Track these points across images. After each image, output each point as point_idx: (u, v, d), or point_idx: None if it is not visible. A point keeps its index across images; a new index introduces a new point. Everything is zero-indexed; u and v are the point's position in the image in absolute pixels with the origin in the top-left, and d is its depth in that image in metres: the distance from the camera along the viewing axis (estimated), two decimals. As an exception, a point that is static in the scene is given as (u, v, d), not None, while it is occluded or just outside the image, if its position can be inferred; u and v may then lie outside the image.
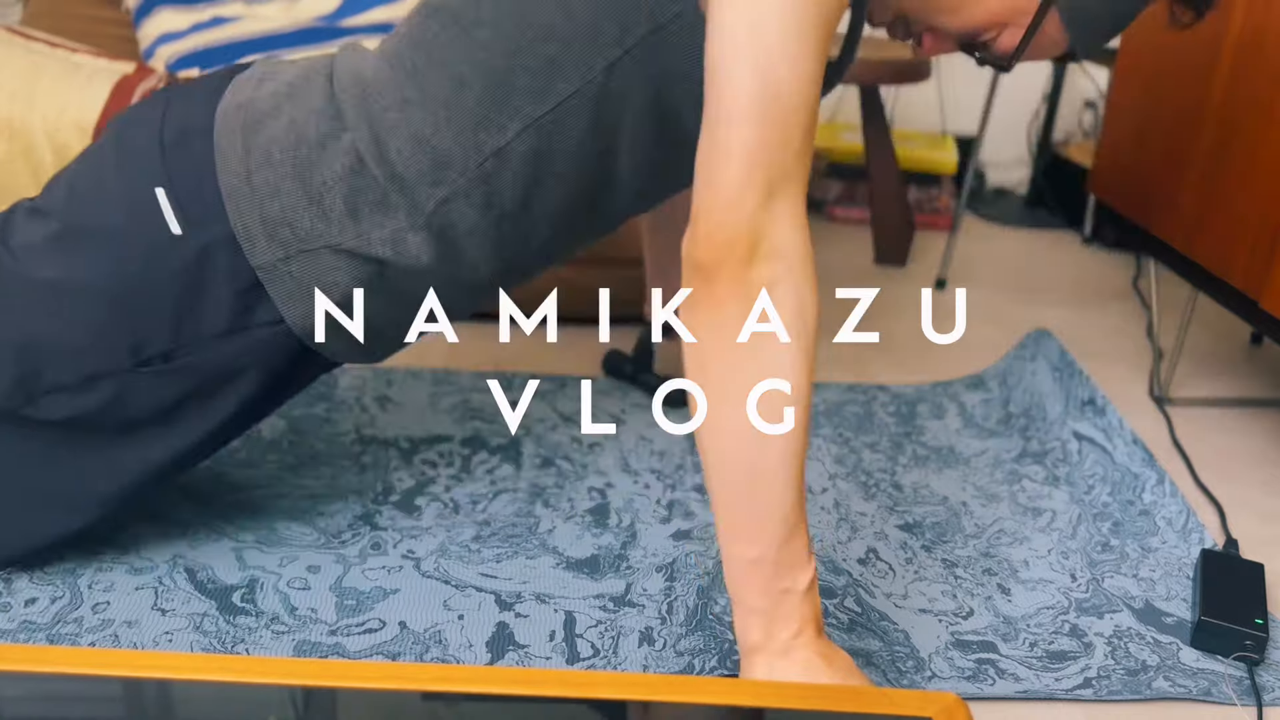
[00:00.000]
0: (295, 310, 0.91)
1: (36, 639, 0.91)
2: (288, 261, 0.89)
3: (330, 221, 0.89)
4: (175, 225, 0.88)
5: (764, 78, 0.73)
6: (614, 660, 0.94)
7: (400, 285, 0.93)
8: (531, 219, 0.93)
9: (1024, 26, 0.91)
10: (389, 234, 0.90)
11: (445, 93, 0.88)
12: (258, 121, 0.90)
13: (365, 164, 0.88)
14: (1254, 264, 1.24)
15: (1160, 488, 1.23)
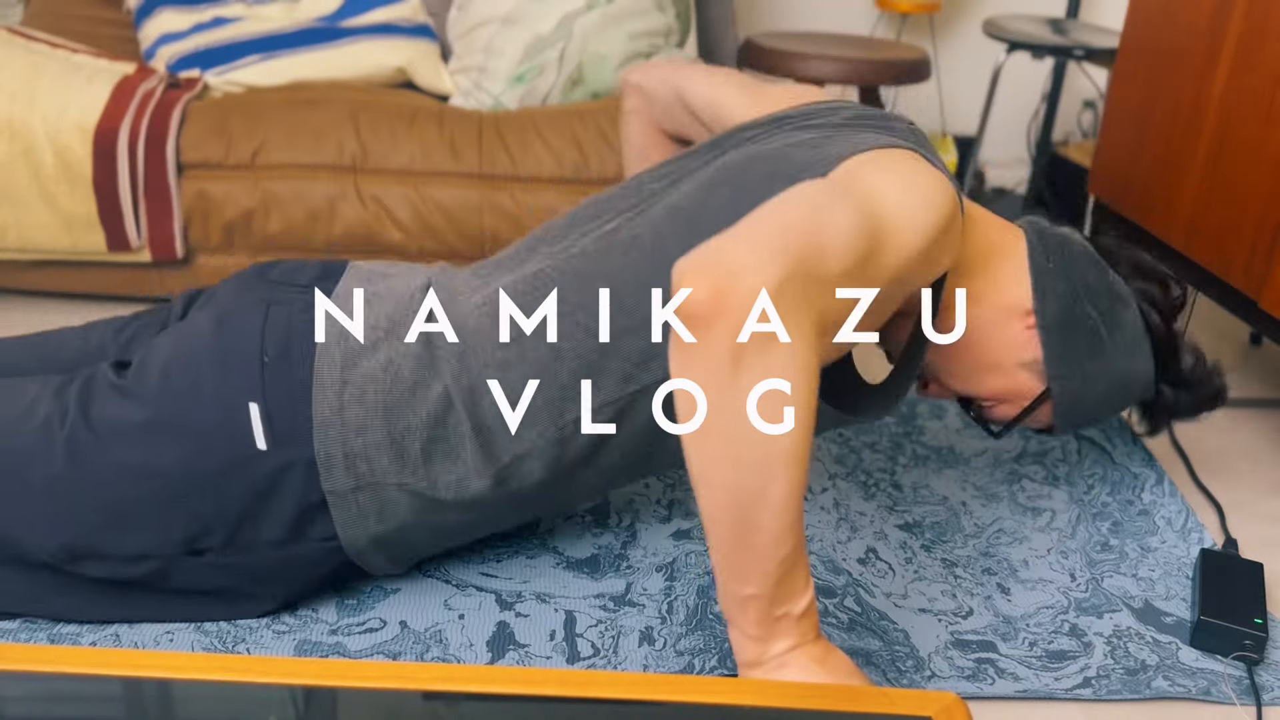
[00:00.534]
0: (350, 532, 0.92)
1: (37, 639, 0.91)
2: (357, 492, 0.91)
3: (404, 464, 0.91)
4: (262, 441, 0.89)
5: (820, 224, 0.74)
6: (614, 660, 0.94)
7: (452, 516, 0.95)
8: (589, 472, 0.96)
9: (1020, 406, 1.05)
10: (455, 480, 0.92)
11: (543, 362, 0.90)
12: (356, 356, 0.91)
13: (455, 410, 0.90)
14: (1253, 264, 1.24)
15: (1160, 487, 1.23)
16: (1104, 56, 1.96)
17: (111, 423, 0.89)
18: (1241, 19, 1.29)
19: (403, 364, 0.91)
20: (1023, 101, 2.61)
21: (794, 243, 0.72)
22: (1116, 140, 1.60)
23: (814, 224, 0.75)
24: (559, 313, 0.91)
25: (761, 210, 0.75)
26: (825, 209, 0.76)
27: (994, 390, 1.04)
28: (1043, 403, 1.03)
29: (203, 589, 0.93)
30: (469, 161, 1.57)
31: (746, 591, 0.76)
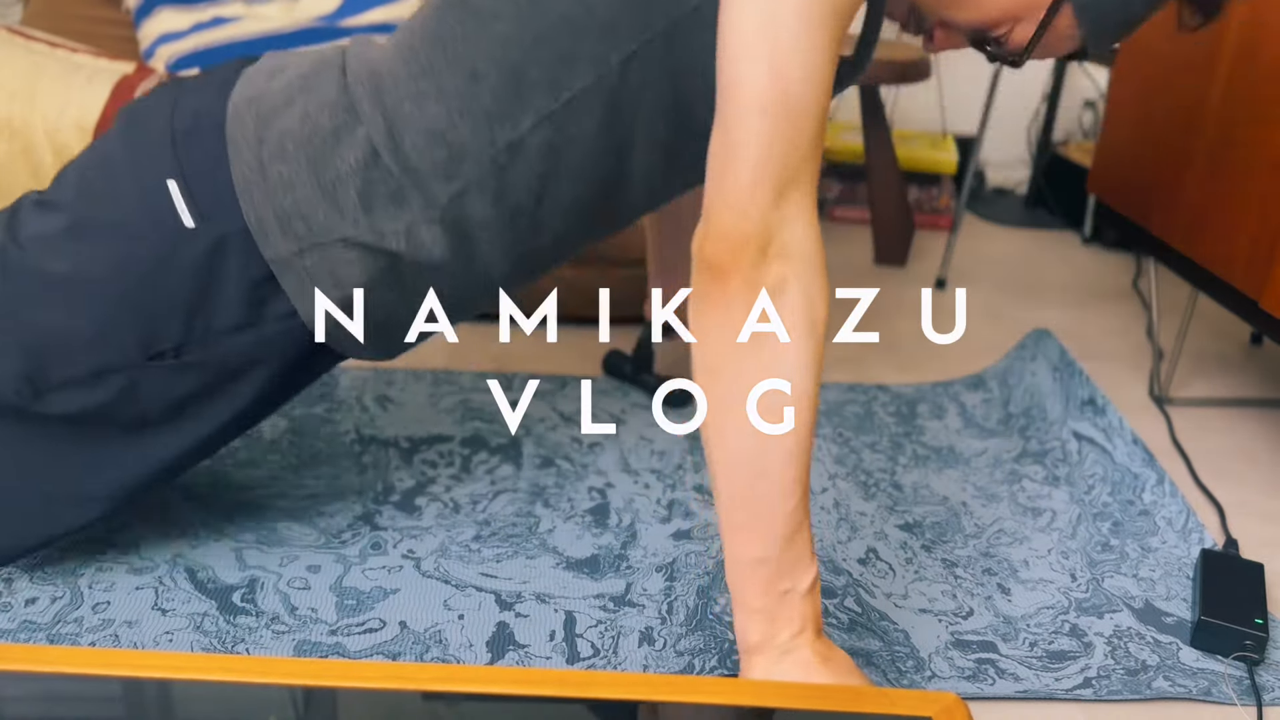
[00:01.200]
0: (308, 303, 0.90)
1: (37, 639, 0.91)
2: (301, 255, 0.88)
3: (344, 215, 0.88)
4: (188, 218, 0.87)
5: (775, 75, 0.72)
6: (614, 660, 0.94)
7: (413, 280, 0.93)
8: (544, 213, 0.92)
9: (1036, 22, 0.90)
10: (403, 227, 0.89)
11: (460, 86, 0.87)
12: (271, 114, 0.89)
13: (380, 157, 0.88)
14: (1254, 264, 1.24)
15: (1160, 488, 1.23)
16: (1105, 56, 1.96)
17: (36, 237, 0.89)
18: (1241, 19, 1.29)
19: (319, 114, 0.88)
20: (1023, 101, 2.61)
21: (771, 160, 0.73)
22: (1117, 140, 1.60)
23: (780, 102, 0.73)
24: (468, 28, 0.87)
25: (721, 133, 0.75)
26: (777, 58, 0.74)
27: (1003, 7, 0.90)
28: (1060, 8, 0.89)
29: (177, 401, 0.91)
30: (469, 161, 1.56)
31: (754, 554, 0.77)
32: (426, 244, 0.90)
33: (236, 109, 0.90)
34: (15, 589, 0.97)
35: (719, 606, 0.99)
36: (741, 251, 0.73)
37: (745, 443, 0.75)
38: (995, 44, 0.94)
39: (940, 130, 2.60)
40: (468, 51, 0.87)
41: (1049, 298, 1.97)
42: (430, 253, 0.90)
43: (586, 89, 0.87)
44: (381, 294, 0.92)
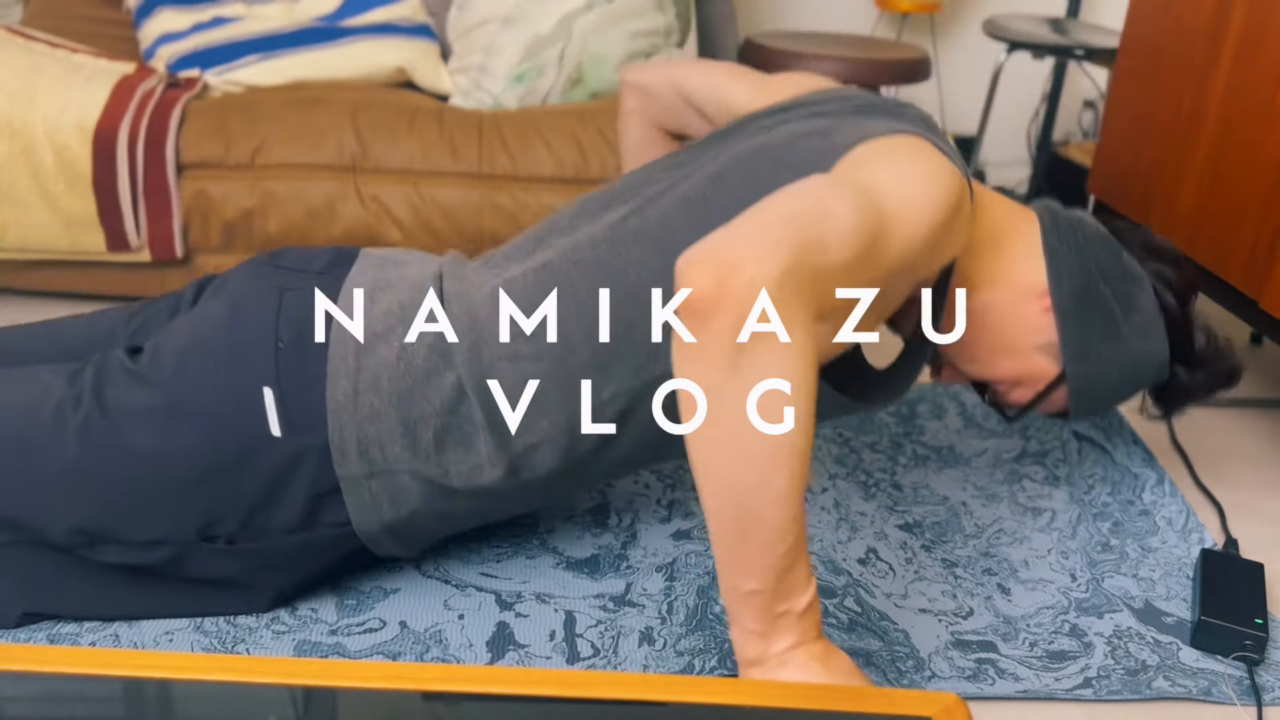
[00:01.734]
0: (362, 517, 0.93)
1: (37, 639, 0.91)
2: (370, 478, 0.91)
3: (417, 451, 0.91)
4: (276, 427, 0.89)
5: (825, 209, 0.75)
6: (614, 660, 0.94)
7: (463, 505, 0.96)
8: (600, 462, 0.96)
9: (1035, 390, 1.05)
10: (468, 469, 0.92)
11: (553, 354, 0.90)
12: (371, 342, 0.91)
13: (464, 402, 0.91)
14: (1253, 264, 1.24)
15: (1160, 488, 1.23)
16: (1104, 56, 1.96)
17: (126, 408, 0.89)
18: (1242, 19, 1.29)
19: (416, 352, 0.91)
20: (1023, 101, 2.61)
21: (795, 235, 0.72)
22: (1117, 140, 1.60)
23: (815, 215, 0.75)
24: (561, 313, 0.91)
25: (763, 203, 0.76)
26: (827, 200, 0.76)
27: (1009, 374, 1.04)
28: (1058, 386, 1.03)
29: (215, 577, 0.93)
30: (469, 161, 1.56)
31: (748, 586, 0.75)
32: (485, 481, 0.93)
33: (340, 333, 0.92)
34: (15, 589, 0.97)
35: (719, 606, 0.99)
36: (727, 296, 0.69)
37: (738, 491, 0.72)
38: (994, 394, 1.09)
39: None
40: (565, 316, 0.91)
41: (1049, 298, 1.96)
42: (484, 485, 0.93)
43: (666, 372, 0.91)
44: (428, 517, 0.95)
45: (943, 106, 2.58)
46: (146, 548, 0.90)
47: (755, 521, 0.73)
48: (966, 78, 2.56)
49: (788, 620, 0.77)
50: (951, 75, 2.56)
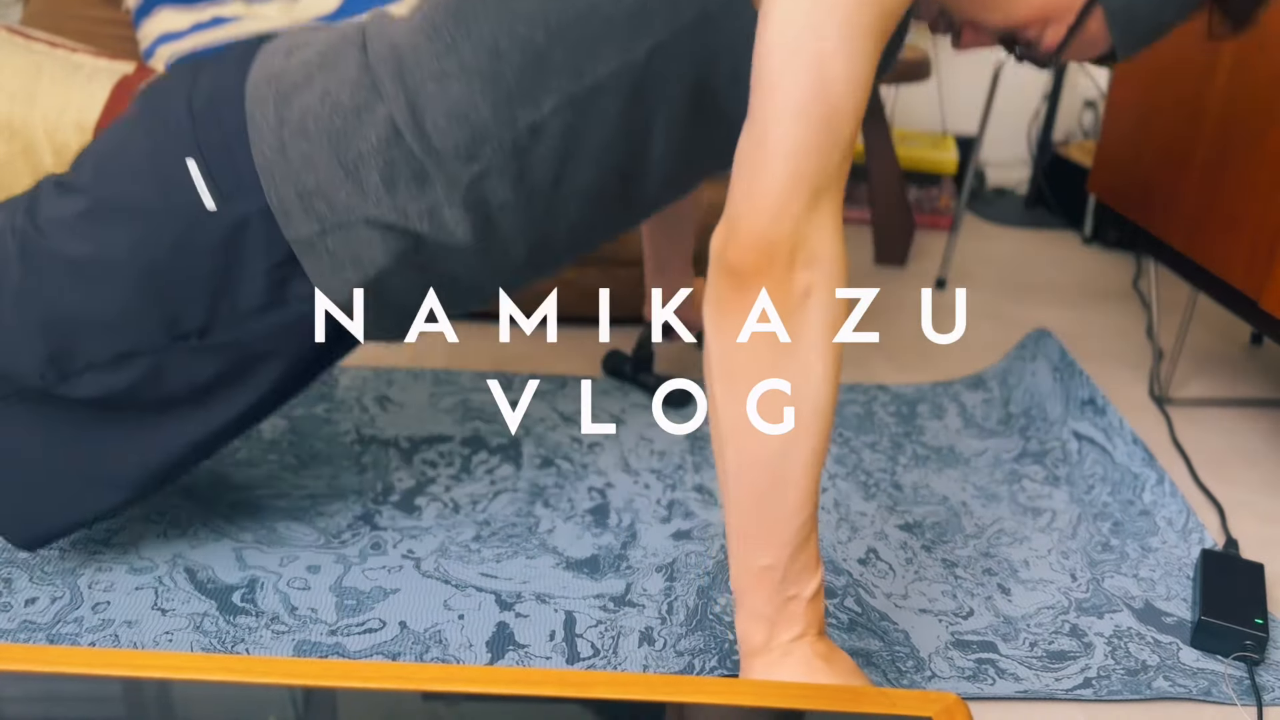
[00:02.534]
0: (329, 284, 0.89)
1: (36, 639, 0.91)
2: (323, 235, 0.88)
3: (366, 194, 0.87)
4: (209, 199, 0.86)
5: (818, 78, 0.71)
6: (614, 660, 0.94)
7: (434, 263, 0.92)
8: (562, 198, 0.91)
9: (1066, 25, 0.89)
10: (425, 208, 0.88)
11: (482, 64, 0.86)
12: (291, 91, 0.88)
13: (402, 136, 0.87)
14: (1254, 264, 1.24)
15: (1160, 488, 1.23)
16: (1104, 56, 1.95)
17: (56, 220, 0.88)
18: (1242, 19, 1.29)
19: (340, 92, 0.87)
20: (1023, 101, 2.61)
21: (807, 165, 0.71)
22: (1117, 140, 1.60)
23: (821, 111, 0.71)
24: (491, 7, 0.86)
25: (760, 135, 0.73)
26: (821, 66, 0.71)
27: (1033, 11, 0.90)
28: (1091, 10, 0.88)
29: (204, 383, 0.91)
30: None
31: (763, 561, 0.76)
32: (449, 225, 0.89)
33: (255, 86, 0.89)
34: (15, 589, 0.97)
35: (719, 606, 0.99)
36: (770, 257, 0.71)
37: (763, 450, 0.74)
38: (1025, 46, 0.93)
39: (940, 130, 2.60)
40: (491, 31, 0.86)
41: (1049, 298, 1.97)
42: (453, 235, 0.90)
43: (611, 74, 0.86)
44: (402, 276, 0.91)
45: (943, 106, 2.58)
46: (119, 364, 0.88)
47: (780, 481, 0.74)
48: (966, 77, 2.56)
49: (795, 606, 0.77)
50: (951, 75, 2.56)
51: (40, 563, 1.01)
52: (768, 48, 0.72)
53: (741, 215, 0.72)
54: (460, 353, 1.56)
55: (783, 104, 0.71)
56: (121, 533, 1.07)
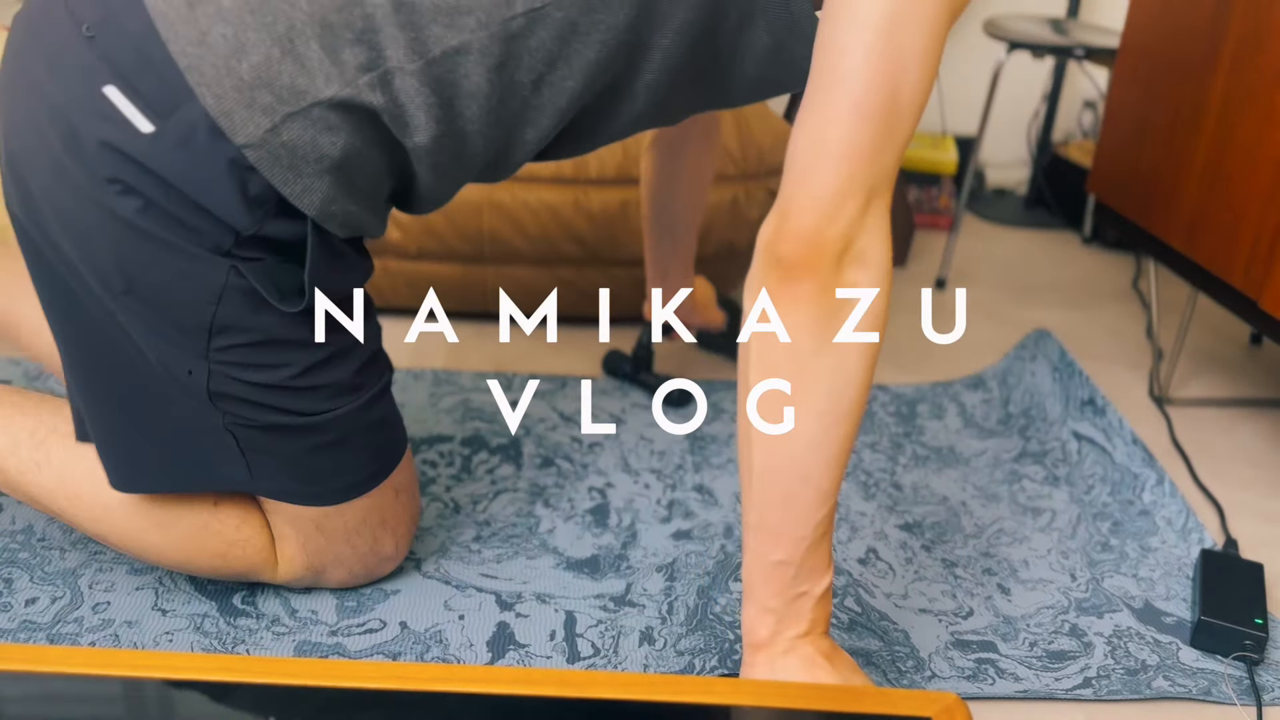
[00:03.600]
0: (293, 187, 0.79)
1: (37, 639, 0.91)
2: (274, 132, 0.77)
3: (310, 71, 0.76)
4: (144, 122, 0.76)
5: (893, 83, 0.69)
6: (614, 660, 0.94)
7: (392, 154, 0.84)
8: (538, 105, 0.84)
9: None
10: (379, 76, 0.78)
11: None
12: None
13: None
14: (1253, 264, 1.24)
15: (1160, 488, 1.23)
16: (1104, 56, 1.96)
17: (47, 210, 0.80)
18: (1241, 19, 1.29)
19: None
20: (1023, 101, 2.61)
21: (866, 167, 0.70)
22: (1117, 140, 1.60)
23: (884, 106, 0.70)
24: None
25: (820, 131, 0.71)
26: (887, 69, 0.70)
27: None
28: None
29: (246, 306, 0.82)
30: (469, 161, 1.56)
31: (776, 557, 0.75)
32: (404, 99, 0.79)
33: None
34: (15, 589, 0.97)
35: (719, 606, 0.99)
36: (820, 254, 0.71)
37: (790, 446, 0.74)
38: None
39: (940, 130, 2.60)
40: None
41: (1049, 298, 1.97)
42: (409, 111, 0.80)
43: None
44: (366, 155, 0.82)
45: (943, 106, 2.58)
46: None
47: (805, 479, 0.74)
48: (966, 77, 2.56)
49: (804, 603, 0.77)
50: (951, 75, 2.56)
51: (40, 563, 1.01)
52: (842, 46, 0.70)
53: (794, 211, 0.71)
54: (460, 353, 1.56)
55: (850, 103, 0.70)
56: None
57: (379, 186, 0.86)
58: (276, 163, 0.78)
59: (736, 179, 1.57)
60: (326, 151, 0.79)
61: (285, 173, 0.78)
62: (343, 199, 0.82)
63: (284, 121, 0.77)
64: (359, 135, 0.80)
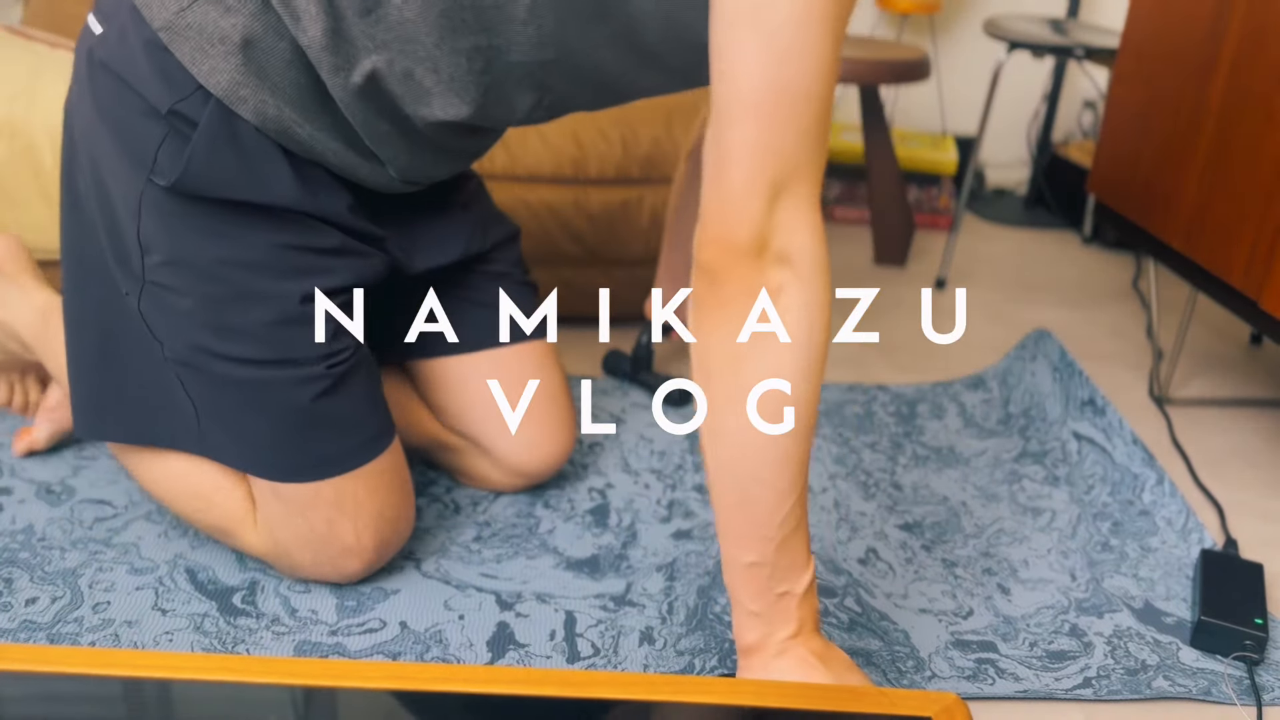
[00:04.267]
0: (204, 67, 0.85)
1: (37, 639, 0.91)
2: (183, 14, 0.84)
3: None
4: (96, 26, 0.88)
5: (775, 72, 0.67)
6: (614, 660, 0.94)
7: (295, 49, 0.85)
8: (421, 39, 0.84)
9: None
10: None
11: None
12: None
13: None
14: (1253, 264, 1.24)
15: (1160, 488, 1.23)
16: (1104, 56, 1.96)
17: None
18: (1241, 20, 1.29)
19: None
20: (1023, 101, 2.61)
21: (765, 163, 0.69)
22: (1117, 140, 1.60)
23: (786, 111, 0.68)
24: None
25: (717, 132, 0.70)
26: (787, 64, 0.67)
27: None
28: None
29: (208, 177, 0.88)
30: (469, 161, 1.56)
31: (747, 559, 0.75)
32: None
33: None
34: (15, 589, 0.97)
35: (719, 606, 0.99)
36: (737, 256, 0.70)
37: (741, 446, 0.73)
38: None
39: (940, 130, 2.60)
40: None
41: (1049, 298, 1.97)
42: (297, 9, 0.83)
43: None
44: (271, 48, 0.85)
45: (943, 106, 2.58)
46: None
47: (759, 478, 0.73)
48: (966, 77, 2.56)
49: (788, 603, 0.77)
50: (951, 75, 2.56)
51: (41, 562, 1.01)
52: (720, 47, 0.68)
53: (705, 216, 0.71)
54: (460, 353, 1.56)
55: (740, 103, 0.68)
56: (122, 533, 1.07)
57: (296, 86, 0.87)
58: (185, 42, 0.84)
59: (736, 179, 1.58)
60: (228, 34, 0.84)
61: (193, 53, 0.84)
62: (254, 86, 0.86)
63: (191, 4, 0.83)
64: (257, 21, 0.84)
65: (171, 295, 0.91)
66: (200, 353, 0.91)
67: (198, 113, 0.86)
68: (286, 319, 0.91)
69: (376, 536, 0.98)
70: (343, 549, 0.97)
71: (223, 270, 0.90)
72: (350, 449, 0.96)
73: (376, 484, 0.98)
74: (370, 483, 0.97)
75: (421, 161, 0.96)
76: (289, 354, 0.91)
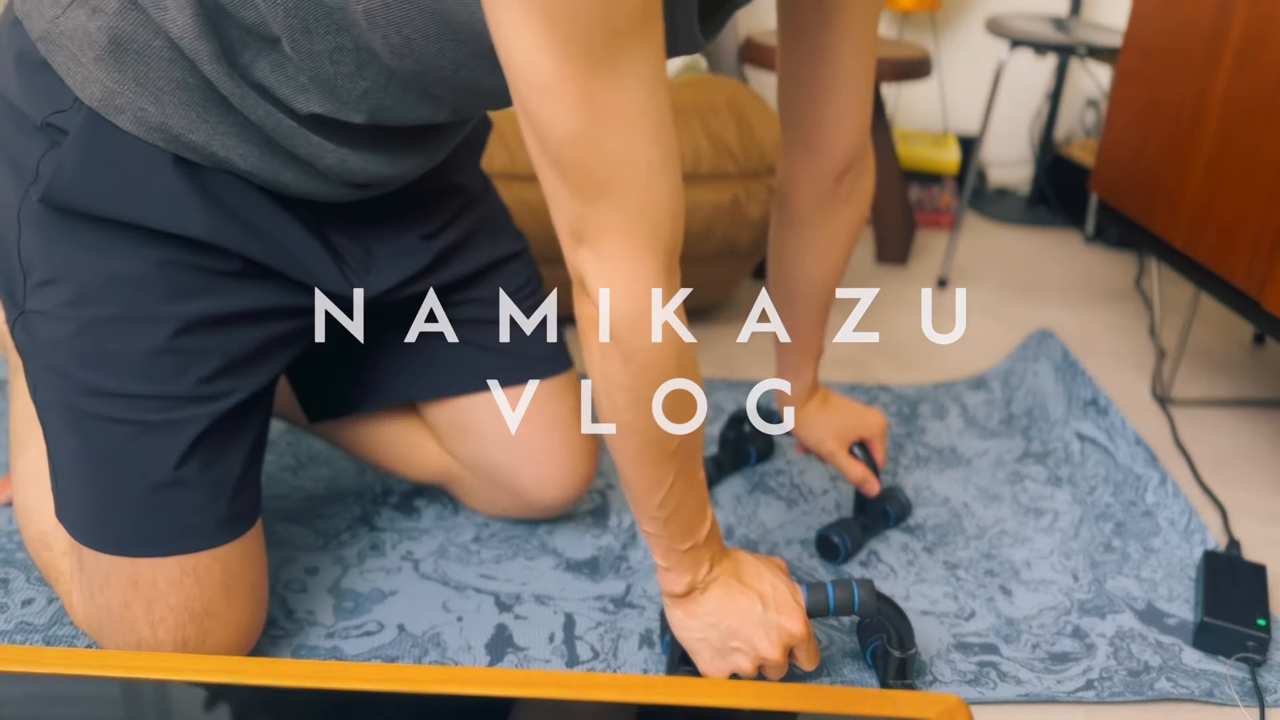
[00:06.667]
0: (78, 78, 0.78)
1: (33, 640, 0.91)
2: (56, 21, 0.78)
3: None
4: None
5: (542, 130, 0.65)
6: (614, 663, 0.93)
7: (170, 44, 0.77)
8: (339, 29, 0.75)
9: None
10: None
11: None
12: None
13: None
14: (1256, 264, 1.24)
15: (1163, 488, 1.22)
16: (1107, 54, 1.95)
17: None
18: (1243, 19, 1.29)
19: None
20: (1025, 100, 2.60)
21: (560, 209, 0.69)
22: (1119, 139, 1.60)
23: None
24: None
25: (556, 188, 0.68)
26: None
27: None
28: None
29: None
30: (469, 161, 1.56)
31: (645, 528, 0.81)
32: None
33: None
34: (11, 590, 0.97)
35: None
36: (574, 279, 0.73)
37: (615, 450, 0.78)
38: None
39: (942, 129, 2.60)
40: None
41: (1051, 297, 1.96)
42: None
43: None
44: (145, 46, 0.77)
45: (945, 105, 2.57)
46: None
47: (627, 480, 0.79)
48: (968, 76, 2.55)
49: (692, 554, 0.82)
50: (953, 74, 2.55)
51: (38, 564, 1.01)
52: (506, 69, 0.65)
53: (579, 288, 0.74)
54: (460, 353, 1.55)
55: (530, 149, 0.68)
56: (120, 534, 1.06)
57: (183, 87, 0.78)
58: (60, 52, 0.78)
59: (737, 178, 1.57)
60: (95, 37, 0.77)
61: (68, 62, 0.78)
62: (132, 94, 0.78)
63: (65, 10, 0.77)
64: (123, 19, 0.76)
65: (47, 322, 0.82)
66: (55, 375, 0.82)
67: (72, 125, 0.80)
68: (166, 348, 0.82)
69: (177, 634, 0.83)
70: (137, 641, 0.84)
71: (106, 289, 0.82)
72: (175, 530, 0.83)
73: (195, 577, 0.84)
74: (177, 573, 0.83)
75: (360, 160, 0.85)
76: (162, 390, 0.82)
